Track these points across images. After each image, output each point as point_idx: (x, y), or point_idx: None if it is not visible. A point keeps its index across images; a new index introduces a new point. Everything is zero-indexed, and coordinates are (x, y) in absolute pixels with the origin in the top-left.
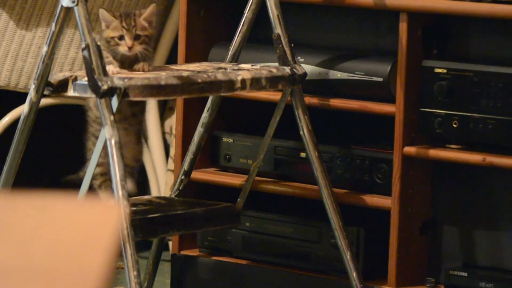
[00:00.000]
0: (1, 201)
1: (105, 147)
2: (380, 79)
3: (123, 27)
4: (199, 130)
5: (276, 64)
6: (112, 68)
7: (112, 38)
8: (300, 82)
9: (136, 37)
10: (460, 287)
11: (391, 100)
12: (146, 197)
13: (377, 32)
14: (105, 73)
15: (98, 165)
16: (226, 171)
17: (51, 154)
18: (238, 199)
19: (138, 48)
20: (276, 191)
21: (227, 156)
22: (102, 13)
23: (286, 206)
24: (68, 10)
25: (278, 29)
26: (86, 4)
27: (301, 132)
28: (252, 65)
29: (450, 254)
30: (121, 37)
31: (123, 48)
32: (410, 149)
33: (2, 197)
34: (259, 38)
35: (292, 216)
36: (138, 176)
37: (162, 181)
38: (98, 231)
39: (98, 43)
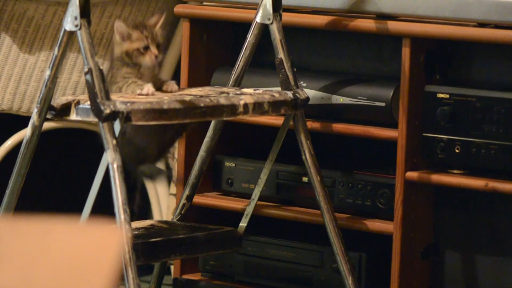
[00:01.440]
0: (3, 225)
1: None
2: (383, 104)
3: (146, 37)
4: (202, 154)
5: (279, 88)
6: (150, 87)
7: (137, 49)
8: (302, 106)
9: (157, 46)
10: None
11: (394, 125)
12: (148, 221)
13: (380, 57)
14: (107, 97)
15: None
16: (228, 195)
17: (53, 177)
18: (240, 224)
19: (160, 57)
20: (278, 216)
21: (229, 181)
22: (120, 25)
23: (288, 231)
24: (71, 34)
25: (280, 54)
26: (89, 29)
27: (303, 157)
28: (254, 90)
29: (452, 279)
30: (146, 47)
31: (149, 58)
32: (412, 174)
33: (4, 221)
34: (262, 63)
35: (294, 241)
36: (140, 200)
37: (164, 205)
38: (100, 255)
39: (101, 67)
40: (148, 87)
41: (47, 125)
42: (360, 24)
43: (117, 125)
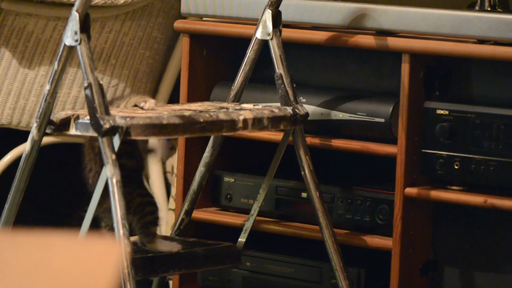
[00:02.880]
0: (2, 239)
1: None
2: (382, 120)
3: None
4: (201, 169)
5: (278, 104)
6: (152, 102)
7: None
8: (302, 122)
9: None
10: None
11: (393, 141)
12: (163, 238)
13: (379, 73)
14: (107, 112)
15: None
16: (227, 210)
17: (52, 192)
18: (239, 239)
19: None
20: (277, 231)
21: (228, 196)
22: None
23: (287, 246)
24: (71, 49)
25: (280, 69)
26: (89, 43)
27: (302, 172)
28: (254, 105)
29: None
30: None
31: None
32: (411, 190)
33: (3, 236)
34: (261, 78)
35: (293, 256)
36: None
37: (163, 221)
38: (99, 269)
39: (101, 82)
40: (151, 102)
41: (46, 139)
42: (359, 40)
43: (116, 140)
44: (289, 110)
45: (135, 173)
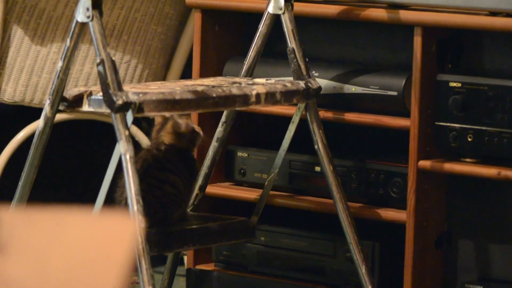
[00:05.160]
0: (17, 217)
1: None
2: (395, 93)
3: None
4: (214, 144)
5: (291, 78)
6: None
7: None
8: (314, 96)
9: None
10: None
11: (406, 114)
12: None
13: (392, 47)
14: (120, 88)
15: None
16: (241, 185)
17: (66, 169)
18: (253, 214)
19: None
20: (291, 205)
21: (242, 171)
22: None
23: (301, 220)
24: (83, 26)
25: (292, 44)
26: (101, 20)
27: (315, 146)
28: (266, 80)
29: (465, 268)
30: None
31: None
32: (425, 163)
33: (17, 213)
34: (274, 53)
35: (307, 230)
36: None
37: None
38: (114, 245)
39: (113, 58)
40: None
41: (59, 116)
42: (371, 14)
43: (129, 116)
44: (301, 84)
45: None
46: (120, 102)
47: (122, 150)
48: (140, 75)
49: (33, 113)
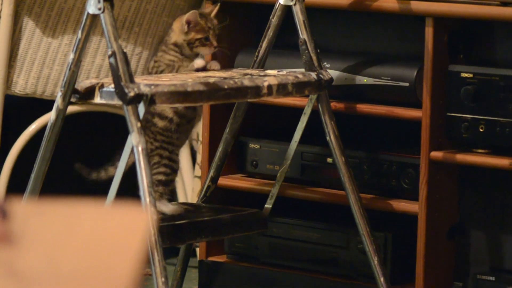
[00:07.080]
0: (29, 209)
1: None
2: (407, 84)
3: (209, 28)
4: (226, 136)
5: (302, 69)
6: (202, 60)
7: (199, 39)
8: (326, 87)
9: (217, 38)
10: None
11: (418, 105)
12: (173, 203)
13: (403, 37)
14: (131, 80)
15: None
16: (253, 177)
17: (78, 161)
18: (265, 205)
19: (217, 48)
20: (303, 197)
21: (254, 162)
22: (195, 14)
23: (313, 212)
24: (95, 18)
25: (304, 35)
26: (112, 11)
27: (327, 138)
28: (278, 71)
29: (477, 259)
30: (207, 38)
31: (209, 49)
32: (437, 154)
33: (30, 205)
34: (285, 44)
35: (319, 222)
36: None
37: (189, 188)
38: (126, 237)
39: (124, 50)
40: (201, 60)
41: (71, 108)
42: (383, 4)
43: (141, 108)
44: (313, 75)
45: (166, 132)
46: (132, 94)
47: (134, 142)
48: None
49: (45, 105)
